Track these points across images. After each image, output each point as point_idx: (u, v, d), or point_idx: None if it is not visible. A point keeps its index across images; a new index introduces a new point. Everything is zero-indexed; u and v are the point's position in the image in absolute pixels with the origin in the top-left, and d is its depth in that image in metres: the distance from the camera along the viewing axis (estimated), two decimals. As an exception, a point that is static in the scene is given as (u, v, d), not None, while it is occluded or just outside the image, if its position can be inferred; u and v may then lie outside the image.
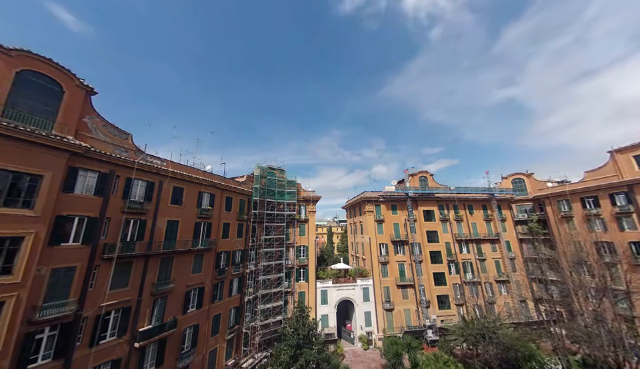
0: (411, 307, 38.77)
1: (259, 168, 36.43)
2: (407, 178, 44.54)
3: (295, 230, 38.61)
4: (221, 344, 27.35)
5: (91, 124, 18.62)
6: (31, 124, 15.10)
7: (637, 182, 32.96)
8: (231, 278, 29.90)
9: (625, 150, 34.47)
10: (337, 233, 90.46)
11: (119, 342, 18.51)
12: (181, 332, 22.98)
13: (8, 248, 13.67)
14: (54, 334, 15.30)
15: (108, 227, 18.71)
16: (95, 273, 17.59)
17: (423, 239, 41.57)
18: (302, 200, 40.40)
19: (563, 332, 27.98)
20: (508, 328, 28.79)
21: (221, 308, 27.81)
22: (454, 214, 44.09)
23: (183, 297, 23.55)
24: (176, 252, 23.16)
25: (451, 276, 40.41)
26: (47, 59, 16.30)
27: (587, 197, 38.14)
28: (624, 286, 25.96)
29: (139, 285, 20.22)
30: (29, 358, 14.19)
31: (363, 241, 45.14)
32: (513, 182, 48.85)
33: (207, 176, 28.07)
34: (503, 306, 38.76)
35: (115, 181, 19.41)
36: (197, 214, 25.96)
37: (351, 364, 31.32)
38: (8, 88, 14.81)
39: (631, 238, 33.00)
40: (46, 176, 15.25)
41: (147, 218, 21.41)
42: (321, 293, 37.84)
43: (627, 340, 22.86)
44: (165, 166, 23.19)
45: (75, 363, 16.00)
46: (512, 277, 40.77)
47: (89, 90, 18.34)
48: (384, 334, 36.52)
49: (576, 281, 27.19)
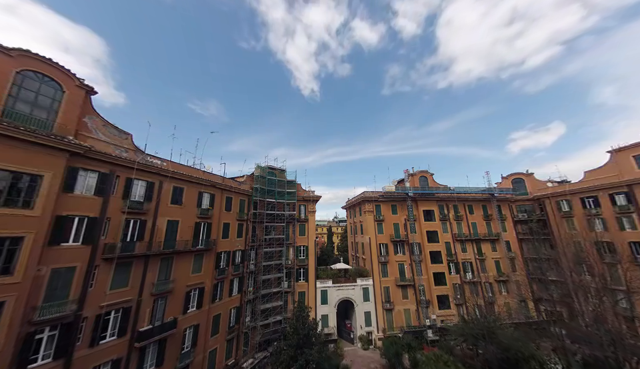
0: (411, 307, 38.75)
1: (259, 168, 36.45)
2: (407, 178, 44.49)
3: (295, 230, 38.63)
4: (221, 344, 27.33)
5: (91, 124, 18.63)
6: (31, 124, 15.13)
7: (637, 182, 32.96)
8: (231, 278, 29.88)
9: (625, 149, 34.47)
10: (337, 233, 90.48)
11: (119, 342, 18.50)
12: (181, 332, 22.96)
13: (8, 248, 13.68)
14: (54, 334, 15.29)
15: (108, 227, 18.71)
16: (94, 273, 17.59)
17: (422, 239, 41.56)
18: (302, 199, 40.40)
19: (563, 332, 27.96)
20: (508, 328, 28.80)
21: (221, 308, 27.80)
22: (454, 213, 44.06)
23: (183, 297, 23.54)
24: (176, 252, 23.15)
25: (450, 276, 40.40)
26: (47, 59, 16.33)
27: (587, 197, 38.13)
28: (624, 286, 25.96)
29: (139, 285, 20.21)
30: (29, 358, 14.19)
31: (362, 241, 45.13)
32: (513, 182, 48.83)
33: (207, 176, 28.06)
34: (502, 305, 38.73)
35: (115, 181, 19.41)
36: (196, 214, 25.94)
37: (351, 363, 31.32)
38: (8, 88, 14.83)
39: (631, 238, 32.98)
40: (46, 176, 15.26)
41: (147, 218, 21.40)
42: (321, 293, 37.83)
43: (627, 340, 22.85)
44: (165, 166, 23.21)
45: (74, 363, 15.98)
46: (512, 277, 40.72)
47: (88, 90, 18.35)
48: (384, 334, 36.52)
49: (576, 281, 27.17)
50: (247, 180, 36.07)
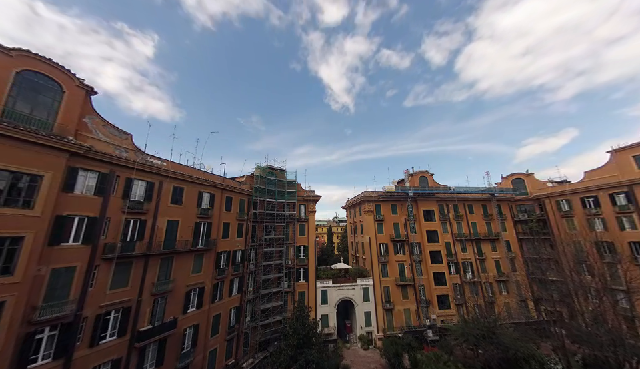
0: (411, 307, 38.75)
1: (259, 168, 36.45)
2: (407, 178, 44.48)
3: (295, 230, 38.62)
4: (221, 344, 27.31)
5: (91, 124, 18.62)
6: (31, 124, 15.11)
7: (637, 182, 32.95)
8: (231, 278, 29.87)
9: (625, 149, 34.46)
10: (337, 233, 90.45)
11: (119, 342, 18.48)
12: (181, 332, 22.95)
13: (8, 248, 13.67)
14: (54, 334, 15.27)
15: (108, 227, 18.70)
16: (94, 273, 17.57)
17: (422, 239, 41.55)
18: (302, 199, 40.40)
19: (563, 332, 27.95)
20: (508, 328, 28.78)
21: (221, 308, 27.78)
22: (454, 213, 44.04)
23: (183, 297, 23.53)
24: (176, 252, 23.14)
25: (450, 276, 40.38)
26: (46, 59, 16.31)
27: (587, 197, 38.11)
28: (624, 286, 25.95)
29: (139, 285, 20.20)
30: (29, 358, 14.17)
31: (363, 241, 45.13)
32: (513, 182, 48.82)
33: (207, 176, 28.05)
34: (502, 306, 38.69)
35: (114, 181, 19.39)
36: (196, 214, 25.93)
37: (351, 363, 31.31)
38: (8, 88, 14.82)
39: (631, 238, 32.96)
40: (46, 176, 15.24)
41: (147, 218, 21.39)
42: (321, 293, 37.82)
43: (627, 340, 22.84)
44: (165, 166, 23.20)
45: (74, 363, 15.97)
46: (512, 277, 40.74)
47: (88, 90, 18.34)
48: (384, 334, 36.52)
49: (576, 281, 27.18)
50: (247, 180, 36.06)
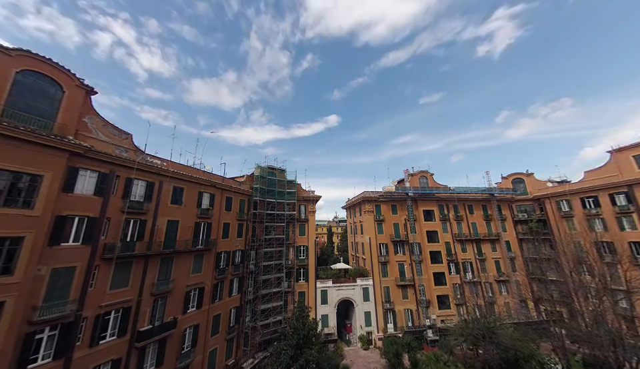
0: (411, 307, 38.75)
1: (259, 168, 36.45)
2: (407, 178, 44.47)
3: (295, 230, 38.61)
4: (221, 344, 27.31)
5: (91, 124, 18.61)
6: (31, 124, 15.09)
7: (637, 182, 32.95)
8: (231, 278, 29.88)
9: (625, 149, 34.47)
10: (337, 233, 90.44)
11: (118, 342, 18.48)
12: (181, 332, 22.95)
13: (8, 248, 13.65)
14: (54, 334, 15.26)
15: (108, 227, 18.69)
16: (94, 273, 17.57)
17: (422, 239, 41.55)
18: (302, 199, 40.39)
19: (563, 332, 27.96)
20: (508, 328, 28.76)
21: (221, 308, 27.78)
22: (454, 213, 44.05)
23: (183, 297, 23.53)
24: (176, 252, 23.13)
25: (450, 276, 40.38)
26: (46, 59, 16.31)
27: (587, 197, 38.11)
28: (624, 286, 25.94)
29: (139, 285, 20.19)
30: (28, 358, 14.16)
31: (362, 241, 45.12)
32: (513, 182, 48.82)
33: (207, 176, 28.05)
34: (502, 306, 38.74)
35: (114, 181, 19.39)
36: (196, 214, 25.93)
37: (351, 363, 31.29)
38: (8, 88, 14.81)
39: (631, 238, 32.98)
40: (46, 176, 15.23)
41: (147, 218, 21.39)
42: (321, 293, 37.82)
43: (627, 340, 22.84)
44: (165, 166, 23.20)
45: (74, 363, 15.97)
46: (512, 277, 40.75)
47: (88, 90, 18.34)
48: (384, 334, 36.52)
49: (576, 281, 27.15)
50: (247, 180, 36.05)
